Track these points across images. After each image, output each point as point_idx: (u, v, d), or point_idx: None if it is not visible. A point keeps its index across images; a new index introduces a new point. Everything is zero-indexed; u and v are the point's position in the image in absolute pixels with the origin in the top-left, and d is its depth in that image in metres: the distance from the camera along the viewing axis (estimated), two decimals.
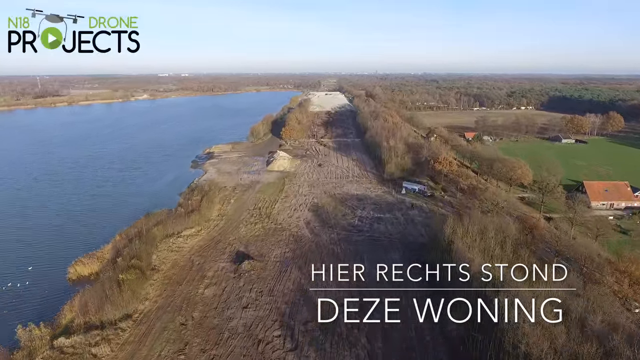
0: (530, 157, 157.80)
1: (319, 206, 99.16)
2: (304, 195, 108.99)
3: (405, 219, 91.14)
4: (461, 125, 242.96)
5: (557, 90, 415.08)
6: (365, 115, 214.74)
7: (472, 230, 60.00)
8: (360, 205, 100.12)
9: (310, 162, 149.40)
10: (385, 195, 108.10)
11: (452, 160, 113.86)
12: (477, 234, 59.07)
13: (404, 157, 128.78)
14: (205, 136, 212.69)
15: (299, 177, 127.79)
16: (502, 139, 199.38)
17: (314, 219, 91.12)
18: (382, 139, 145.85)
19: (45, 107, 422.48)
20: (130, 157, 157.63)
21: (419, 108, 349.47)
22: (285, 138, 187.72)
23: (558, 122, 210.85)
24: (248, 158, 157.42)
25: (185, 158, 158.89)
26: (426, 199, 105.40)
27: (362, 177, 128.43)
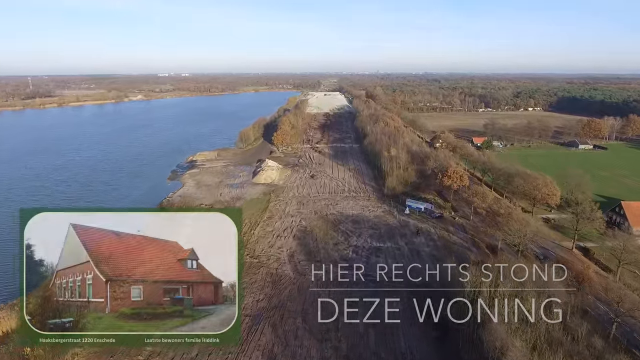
0: (549, 166, 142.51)
1: (306, 232, 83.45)
2: (291, 216, 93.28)
3: (409, 249, 75.38)
4: (467, 129, 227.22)
5: (565, 90, 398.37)
6: (364, 118, 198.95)
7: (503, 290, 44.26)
8: (355, 230, 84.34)
9: (302, 172, 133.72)
10: (386, 216, 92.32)
11: (463, 174, 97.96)
12: (509, 296, 43.38)
13: (406, 168, 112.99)
14: (191, 141, 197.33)
15: (288, 192, 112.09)
16: (513, 145, 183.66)
17: (300, 249, 75.42)
18: (383, 146, 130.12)
19: (34, 109, 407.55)
20: (101, 168, 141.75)
21: (421, 109, 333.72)
22: (276, 144, 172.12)
23: (573, 126, 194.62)
24: (233, 167, 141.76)
25: (164, 168, 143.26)
26: (434, 220, 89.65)
27: (359, 191, 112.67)
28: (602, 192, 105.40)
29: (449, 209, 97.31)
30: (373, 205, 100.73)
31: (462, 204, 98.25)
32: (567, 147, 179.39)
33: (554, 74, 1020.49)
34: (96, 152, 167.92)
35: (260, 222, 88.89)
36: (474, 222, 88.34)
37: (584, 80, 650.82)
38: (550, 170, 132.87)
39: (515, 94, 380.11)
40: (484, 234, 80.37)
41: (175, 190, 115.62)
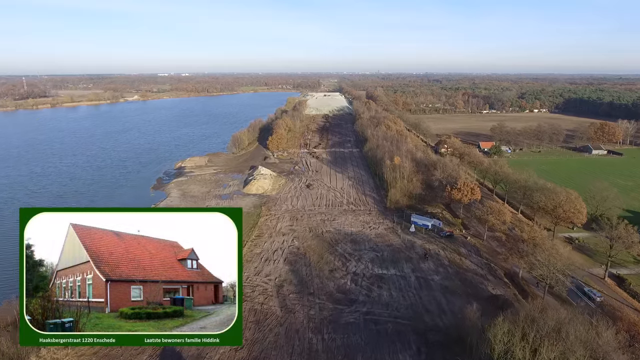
0: (563, 174, 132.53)
1: (299, 254, 73.47)
2: (283, 234, 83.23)
3: (417, 278, 65.33)
4: (473, 132, 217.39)
5: (570, 91, 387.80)
6: (364, 122, 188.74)
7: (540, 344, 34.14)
8: (355, 252, 74.32)
9: (297, 181, 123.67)
10: (389, 235, 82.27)
11: (474, 187, 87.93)
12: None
13: (411, 179, 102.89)
14: (182, 145, 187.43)
15: (281, 205, 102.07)
16: (521, 149, 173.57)
17: (290, 278, 65.39)
18: (385, 153, 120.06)
19: (26, 110, 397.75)
20: (81, 176, 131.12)
21: (423, 111, 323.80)
22: (271, 149, 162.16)
23: (586, 130, 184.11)
24: (224, 175, 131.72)
25: (150, 175, 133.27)
26: (442, 240, 79.67)
27: (359, 203, 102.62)
28: (629, 206, 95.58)
29: (458, 225, 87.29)
30: (374, 220, 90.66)
31: (474, 219, 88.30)
32: (579, 152, 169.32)
33: (555, 74, 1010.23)
34: (79, 159, 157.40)
35: (247, 242, 78.82)
36: (489, 242, 78.35)
37: (586, 81, 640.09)
38: (564, 179, 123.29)
39: (520, 95, 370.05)
40: (502, 258, 70.48)
41: (158, 202, 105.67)
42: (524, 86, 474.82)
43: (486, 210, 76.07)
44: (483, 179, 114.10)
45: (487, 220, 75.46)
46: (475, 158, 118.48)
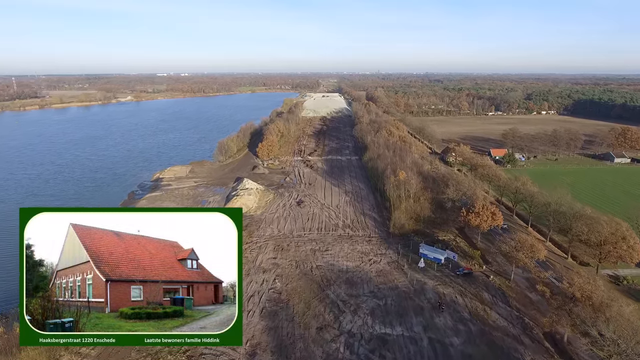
0: (586, 186, 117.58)
1: (281, 302, 58.45)
2: (263, 270, 68.22)
3: (430, 341, 50.24)
4: (481, 136, 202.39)
5: (579, 92, 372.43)
6: (364, 127, 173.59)
7: None
8: (351, 299, 59.25)
9: (287, 196, 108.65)
10: (393, 272, 67.19)
11: (496, 212, 72.88)
12: None
13: (418, 197, 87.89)
14: (165, 152, 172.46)
15: (265, 228, 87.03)
16: (536, 157, 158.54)
17: (266, 340, 50.35)
18: (387, 166, 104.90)
19: (13, 111, 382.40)
20: (44, 190, 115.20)
21: (426, 112, 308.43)
22: (261, 157, 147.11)
23: (605, 135, 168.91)
24: (204, 189, 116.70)
25: (121, 189, 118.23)
26: (459, 279, 64.69)
27: (357, 227, 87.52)
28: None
29: (477, 258, 72.12)
30: (375, 251, 75.59)
31: (496, 250, 73.30)
32: (599, 160, 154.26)
33: (556, 74, 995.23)
34: (46, 169, 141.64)
35: None
36: (518, 285, 63.24)
37: (589, 81, 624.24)
38: (593, 194, 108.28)
39: (526, 96, 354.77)
40: (537, 310, 55.53)
41: None
42: (529, 86, 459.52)
43: (514, 244, 60.97)
44: (500, 195, 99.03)
45: (516, 259, 60.31)
46: (490, 171, 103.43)
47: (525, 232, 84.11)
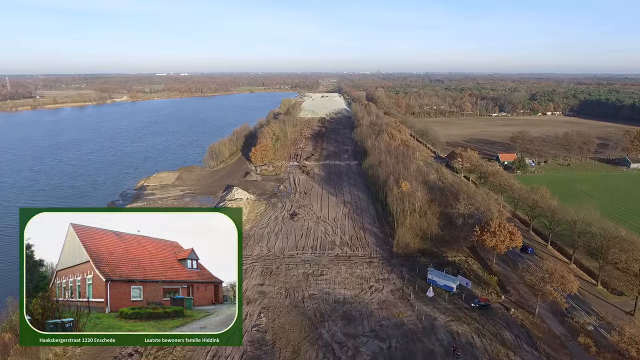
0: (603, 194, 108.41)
1: (264, 345, 49.23)
2: (247, 301, 58.97)
3: None
4: (485, 139, 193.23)
5: (584, 92, 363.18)
6: (364, 130, 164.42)
7: None
8: (348, 340, 50.00)
9: (280, 207, 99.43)
10: (398, 304, 57.95)
11: (514, 231, 63.68)
12: None
13: (424, 212, 78.65)
14: (153, 157, 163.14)
15: (253, 246, 77.81)
16: (546, 162, 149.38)
17: None
18: (389, 174, 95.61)
19: (4, 112, 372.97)
20: (10, 202, 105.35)
21: (428, 113, 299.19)
22: (254, 162, 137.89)
23: (620, 139, 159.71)
24: (190, 199, 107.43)
25: (101, 198, 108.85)
26: (475, 313, 55.49)
27: (356, 244, 78.29)
28: None
29: (494, 285, 62.86)
30: (376, 275, 66.37)
31: (515, 276, 64.18)
32: (614, 165, 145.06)
33: (557, 74, 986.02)
34: (22, 176, 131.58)
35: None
36: (544, 321, 53.97)
37: (591, 81, 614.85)
38: (614, 205, 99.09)
39: (531, 97, 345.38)
40: (569, 355, 46.36)
41: None
42: (532, 86, 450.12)
43: (541, 275, 51.69)
44: (515, 207, 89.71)
45: (543, 292, 51.03)
46: (502, 180, 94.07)
47: (545, 250, 75.01)
